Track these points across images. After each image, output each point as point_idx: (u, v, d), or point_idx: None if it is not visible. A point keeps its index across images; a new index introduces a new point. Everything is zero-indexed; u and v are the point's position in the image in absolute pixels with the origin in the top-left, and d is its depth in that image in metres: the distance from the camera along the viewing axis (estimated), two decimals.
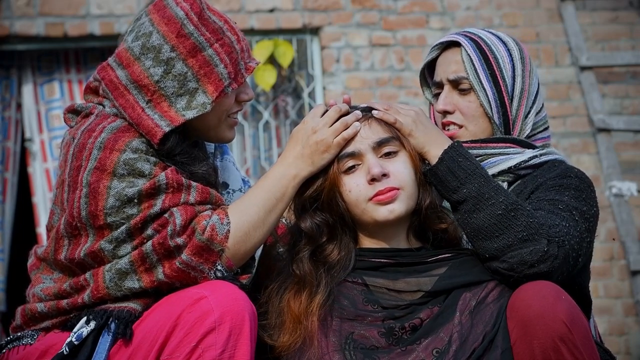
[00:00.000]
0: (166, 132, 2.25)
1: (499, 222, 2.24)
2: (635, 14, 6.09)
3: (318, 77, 5.87)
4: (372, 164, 2.27)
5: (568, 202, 2.35)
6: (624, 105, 6.02)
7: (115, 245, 2.21)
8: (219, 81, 2.30)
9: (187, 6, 2.32)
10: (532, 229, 2.23)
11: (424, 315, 2.23)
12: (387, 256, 2.31)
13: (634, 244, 5.73)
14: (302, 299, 2.26)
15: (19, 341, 2.32)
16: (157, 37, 2.29)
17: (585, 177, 2.47)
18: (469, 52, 2.51)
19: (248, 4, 5.77)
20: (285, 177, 2.30)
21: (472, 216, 2.26)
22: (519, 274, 2.23)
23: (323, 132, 2.30)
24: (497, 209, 2.24)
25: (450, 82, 2.54)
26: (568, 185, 2.40)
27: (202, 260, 2.19)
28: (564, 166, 2.49)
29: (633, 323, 5.74)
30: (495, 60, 2.51)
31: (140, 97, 2.29)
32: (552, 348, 2.09)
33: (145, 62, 2.28)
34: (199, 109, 2.28)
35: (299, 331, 2.23)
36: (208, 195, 2.27)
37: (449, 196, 2.31)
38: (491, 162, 2.48)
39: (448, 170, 2.30)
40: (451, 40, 2.57)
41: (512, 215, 2.24)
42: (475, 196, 2.27)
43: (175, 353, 2.10)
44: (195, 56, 2.28)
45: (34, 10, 5.59)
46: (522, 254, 2.22)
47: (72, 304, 2.25)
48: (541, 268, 2.22)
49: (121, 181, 2.21)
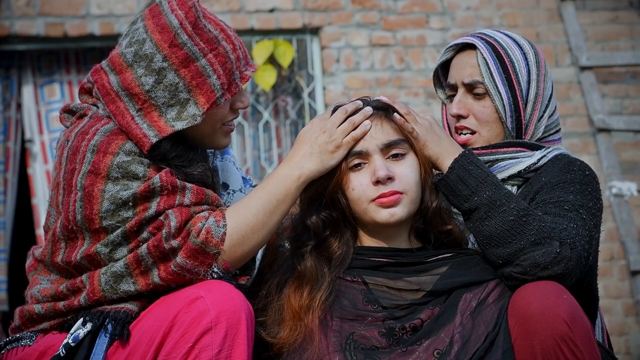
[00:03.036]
0: (154, 143, 2.23)
1: (511, 228, 2.24)
2: (635, 14, 6.08)
3: (318, 77, 5.86)
4: (378, 166, 2.26)
5: (574, 200, 2.35)
6: (624, 105, 6.01)
7: (111, 249, 2.21)
8: (211, 92, 2.27)
9: (182, 14, 2.28)
10: (543, 233, 2.23)
11: (424, 315, 2.23)
12: (387, 255, 2.31)
13: (634, 244, 5.73)
14: (303, 294, 2.25)
15: (17, 342, 2.32)
16: (150, 45, 2.26)
17: (588, 168, 2.46)
18: (484, 56, 2.50)
19: (248, 4, 5.76)
20: (289, 178, 2.27)
21: (484, 224, 2.26)
22: (532, 277, 2.22)
23: (332, 132, 2.28)
24: (508, 215, 2.24)
25: (465, 86, 2.52)
26: (572, 180, 2.40)
27: (197, 263, 2.18)
28: (567, 159, 2.48)
29: (633, 323, 5.73)
30: (511, 64, 2.50)
31: (131, 105, 2.26)
32: (552, 347, 2.09)
33: (138, 70, 2.25)
34: (189, 120, 2.26)
35: (299, 327, 2.22)
36: (204, 196, 2.25)
37: (461, 205, 2.30)
38: (500, 166, 2.47)
39: (459, 179, 2.29)
40: (466, 42, 2.55)
41: (524, 221, 2.24)
42: (487, 204, 2.26)
43: (172, 354, 2.09)
44: (188, 66, 2.25)
45: (34, 10, 5.59)
46: (534, 257, 2.21)
47: (68, 306, 2.24)
48: (555, 270, 2.21)
49: (115, 184, 2.20)
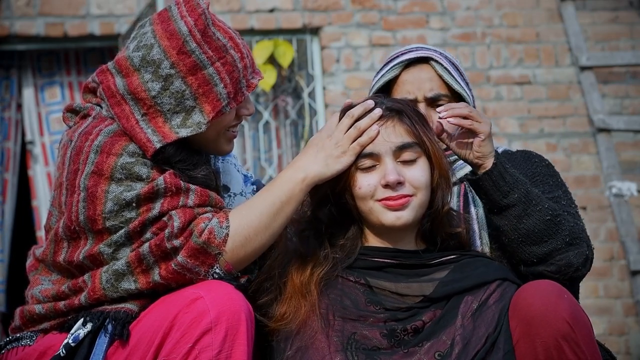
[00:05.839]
0: (157, 149, 2.23)
1: (548, 227, 2.31)
2: (635, 14, 6.08)
3: (318, 77, 5.86)
4: (389, 170, 2.25)
5: (563, 195, 2.47)
6: (624, 105, 6.01)
7: (114, 249, 2.21)
8: (217, 101, 2.27)
9: (192, 21, 2.27)
10: (574, 234, 2.32)
11: (426, 317, 2.23)
12: (390, 256, 2.31)
13: (634, 244, 5.73)
14: (306, 271, 2.26)
15: (18, 342, 2.32)
16: (157, 51, 2.25)
17: (542, 157, 2.57)
18: (445, 65, 2.52)
19: (248, 4, 5.76)
20: (293, 180, 2.26)
21: (522, 221, 2.31)
22: (564, 277, 2.30)
23: (338, 138, 2.27)
24: (545, 214, 2.31)
25: (427, 100, 2.53)
26: (544, 173, 2.52)
27: (198, 262, 2.18)
28: (520, 153, 2.58)
29: (633, 323, 5.73)
30: (460, 70, 2.55)
31: (137, 109, 2.26)
32: (554, 347, 2.09)
33: (144, 75, 2.25)
34: (194, 128, 2.26)
35: (300, 304, 2.22)
36: (207, 197, 2.25)
37: (500, 200, 2.33)
38: (460, 165, 2.52)
39: (500, 175, 2.32)
40: (414, 57, 2.55)
41: (558, 220, 2.32)
42: (525, 201, 2.31)
43: (172, 354, 2.09)
44: (195, 74, 2.25)
45: (34, 10, 5.59)
46: (569, 257, 2.31)
47: (69, 306, 2.25)
48: (583, 272, 2.34)
49: (119, 185, 2.20)
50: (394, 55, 2.59)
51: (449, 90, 2.52)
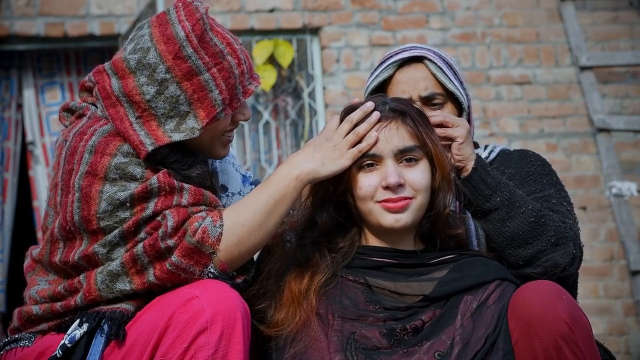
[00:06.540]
0: (150, 152, 2.23)
1: (532, 229, 2.30)
2: (635, 14, 6.08)
3: (318, 77, 5.86)
4: (390, 172, 2.25)
5: (555, 193, 2.45)
6: (624, 105, 6.01)
7: (109, 249, 2.21)
8: (212, 107, 2.26)
9: (189, 26, 2.26)
10: (560, 234, 2.31)
11: (425, 317, 2.23)
12: (389, 256, 2.31)
13: (634, 244, 5.73)
14: (304, 280, 2.26)
15: (16, 343, 2.32)
16: (154, 54, 2.24)
17: (539, 156, 2.56)
18: (439, 64, 2.52)
19: (248, 4, 5.76)
20: (287, 177, 2.25)
21: (506, 224, 2.31)
22: (551, 278, 2.28)
23: (337, 142, 2.27)
24: (529, 216, 2.30)
25: (422, 99, 2.53)
26: (538, 172, 2.51)
27: (192, 262, 2.18)
28: (517, 152, 2.57)
29: (633, 323, 5.73)
30: (454, 69, 2.55)
31: (131, 111, 2.26)
32: (553, 347, 2.09)
33: (140, 78, 2.24)
34: (187, 133, 2.25)
35: (297, 312, 2.22)
36: (201, 196, 2.25)
37: (483, 204, 2.33)
38: None
39: (481, 179, 2.33)
40: (411, 55, 2.56)
41: (543, 221, 2.30)
42: (508, 204, 2.31)
43: (168, 354, 2.09)
44: (191, 80, 2.24)
45: (34, 10, 5.59)
46: (555, 257, 2.30)
47: (65, 307, 2.25)
48: (571, 271, 2.32)
49: (113, 185, 2.20)
50: (387, 56, 2.59)
51: (444, 89, 2.52)
